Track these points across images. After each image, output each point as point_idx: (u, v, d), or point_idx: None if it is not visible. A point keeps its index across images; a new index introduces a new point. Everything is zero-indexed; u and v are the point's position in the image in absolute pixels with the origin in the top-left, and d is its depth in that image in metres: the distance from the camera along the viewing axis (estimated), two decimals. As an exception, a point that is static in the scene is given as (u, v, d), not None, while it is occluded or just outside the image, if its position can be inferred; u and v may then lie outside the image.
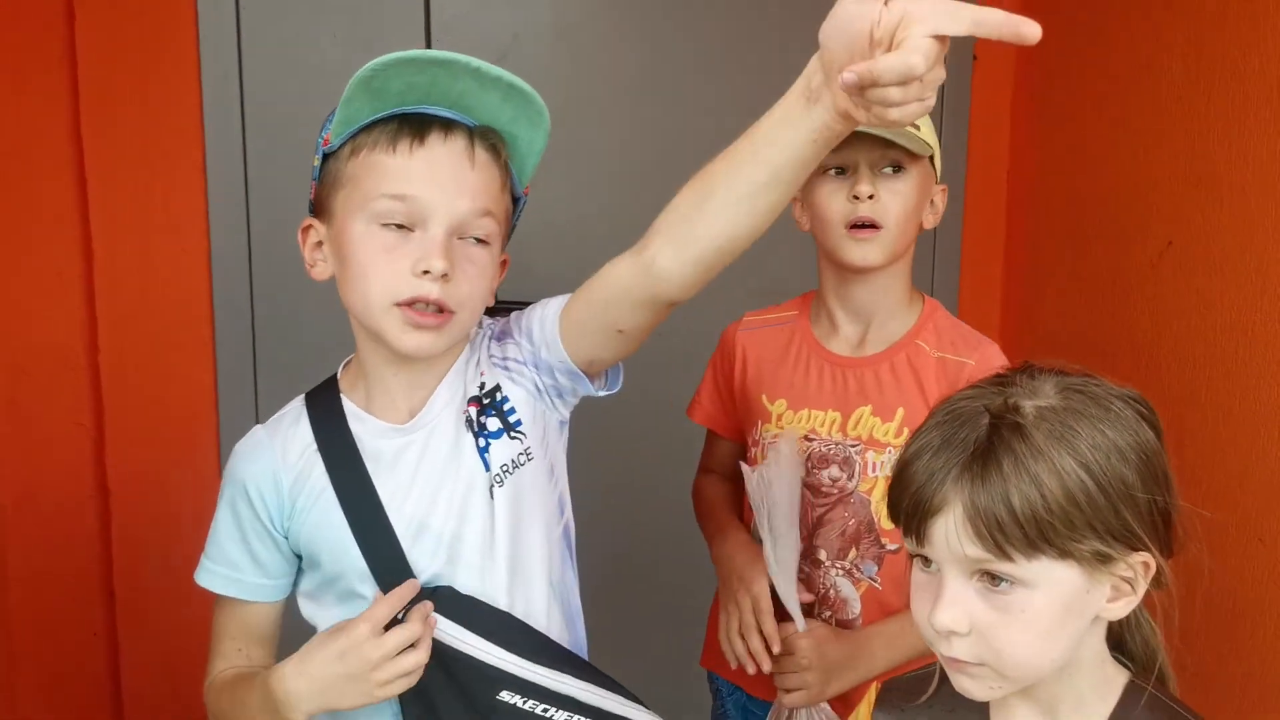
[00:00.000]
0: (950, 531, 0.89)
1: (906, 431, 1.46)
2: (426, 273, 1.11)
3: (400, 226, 1.13)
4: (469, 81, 1.11)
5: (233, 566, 1.24)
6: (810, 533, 1.49)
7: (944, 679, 1.02)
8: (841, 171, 1.44)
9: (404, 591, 1.15)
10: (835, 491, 1.48)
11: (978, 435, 0.90)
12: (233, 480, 1.24)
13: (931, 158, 1.50)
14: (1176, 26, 1.91)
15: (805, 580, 1.48)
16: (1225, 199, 1.80)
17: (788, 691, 1.41)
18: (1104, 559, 0.89)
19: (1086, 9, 2.19)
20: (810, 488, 1.49)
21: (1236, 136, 1.77)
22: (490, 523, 1.20)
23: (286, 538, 1.23)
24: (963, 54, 2.46)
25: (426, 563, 1.19)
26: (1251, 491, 1.71)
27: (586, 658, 1.31)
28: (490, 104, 1.13)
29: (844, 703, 1.44)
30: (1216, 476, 1.77)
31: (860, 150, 1.41)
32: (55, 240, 2.12)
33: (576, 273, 1.19)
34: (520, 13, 2.23)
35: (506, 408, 1.22)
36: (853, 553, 1.48)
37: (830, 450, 1.48)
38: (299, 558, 1.25)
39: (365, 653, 1.10)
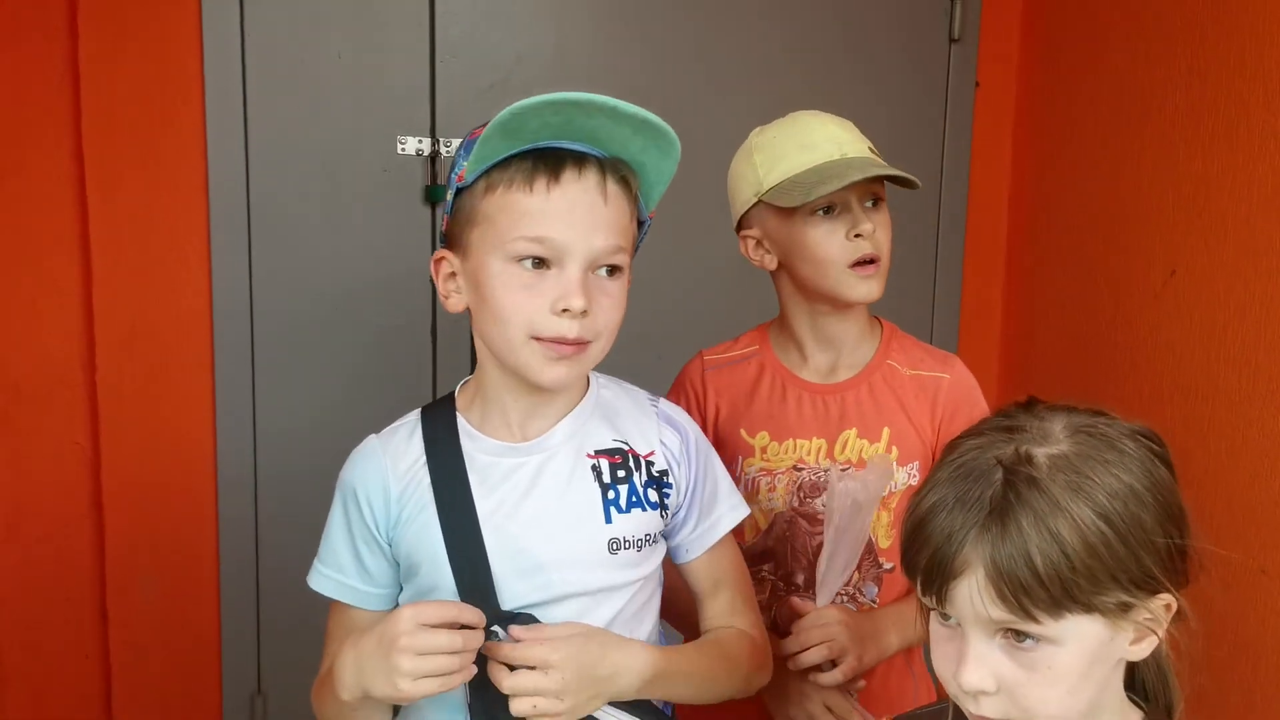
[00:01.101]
0: (974, 594, 0.87)
1: (896, 450, 1.46)
2: (565, 310, 1.13)
3: (538, 265, 1.14)
4: (602, 119, 1.13)
5: (341, 571, 1.26)
6: (812, 561, 1.48)
7: (957, 716, 1.01)
8: (829, 210, 1.43)
9: (469, 614, 1.12)
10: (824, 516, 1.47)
11: (993, 492, 0.88)
12: (344, 486, 1.26)
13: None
14: (1178, 56, 1.92)
15: None
16: (1230, 229, 1.79)
17: (813, 669, 1.39)
18: (1127, 608, 0.88)
19: (1088, 38, 2.20)
20: (805, 517, 1.48)
21: (1240, 166, 1.77)
22: (604, 576, 1.21)
23: (390, 546, 1.24)
24: (966, 80, 2.46)
25: (526, 591, 1.18)
26: (1255, 524, 1.70)
27: None
28: (621, 137, 1.15)
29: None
30: (1220, 509, 1.76)
31: (850, 188, 1.40)
32: (54, 256, 2.11)
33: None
34: (524, 34, 2.23)
35: (665, 480, 1.26)
36: (855, 577, 1.47)
37: (820, 478, 1.48)
38: (398, 566, 1.26)
39: (397, 638, 1.08)
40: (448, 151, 2.20)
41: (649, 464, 1.25)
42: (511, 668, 1.13)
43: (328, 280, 2.20)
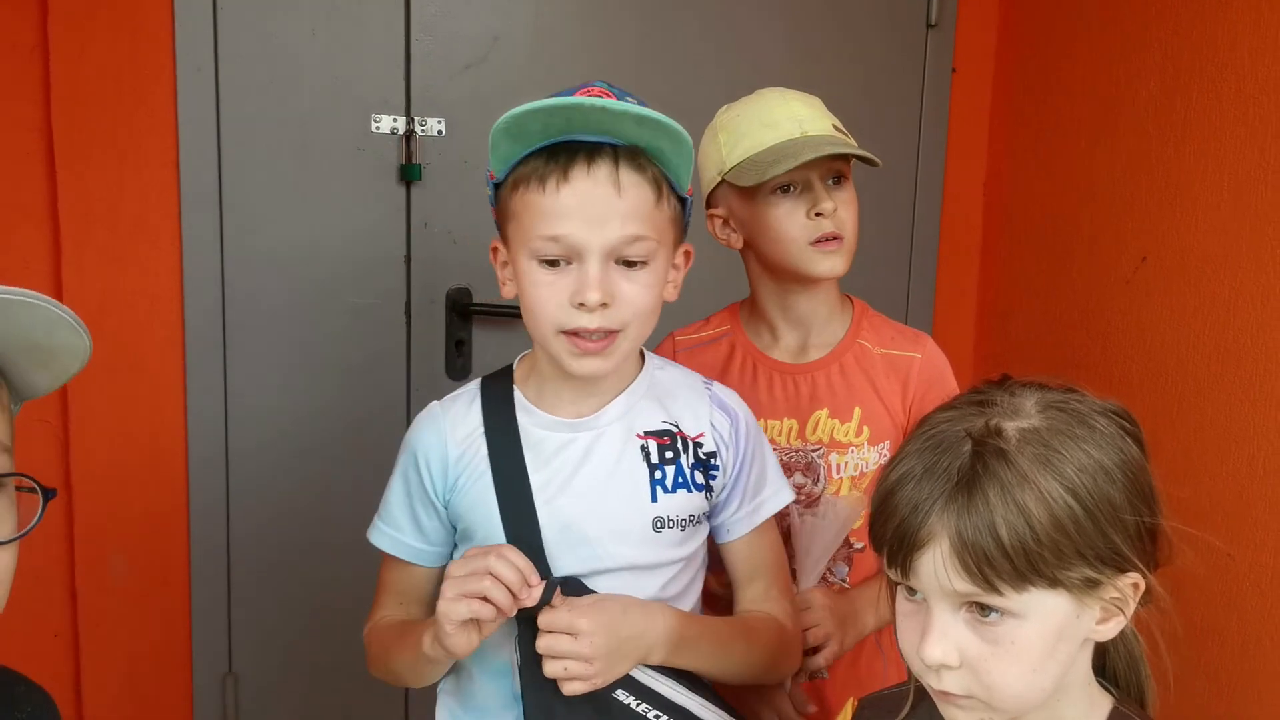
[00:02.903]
0: (938, 565, 0.87)
1: (868, 430, 1.47)
2: (583, 304, 1.16)
3: (558, 262, 1.18)
4: (601, 116, 1.14)
5: (397, 528, 1.31)
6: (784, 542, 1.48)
7: (920, 696, 1.01)
8: (787, 189, 1.43)
9: (533, 575, 1.16)
10: (803, 498, 1.47)
11: (961, 463, 0.88)
12: (407, 448, 1.31)
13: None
14: (1152, 44, 1.93)
15: None
16: (1201, 215, 1.81)
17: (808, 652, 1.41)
18: (1093, 584, 0.88)
19: (1065, 25, 2.21)
20: None
21: (1212, 152, 1.78)
22: (648, 553, 1.26)
23: (447, 508, 1.29)
24: (942, 65, 2.46)
25: (573, 562, 1.24)
26: (1223, 509, 1.72)
27: None
28: (626, 129, 1.17)
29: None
30: (1187, 494, 1.77)
31: (811, 166, 1.40)
32: (22, 233, 2.08)
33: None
34: (501, 14, 2.21)
35: (713, 462, 1.30)
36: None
37: (792, 458, 1.48)
38: (455, 529, 1.31)
39: (451, 568, 1.16)
40: (423, 130, 2.18)
41: (697, 445, 1.29)
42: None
43: (300, 259, 2.19)
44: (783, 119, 1.43)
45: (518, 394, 1.30)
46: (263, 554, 2.24)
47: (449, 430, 1.28)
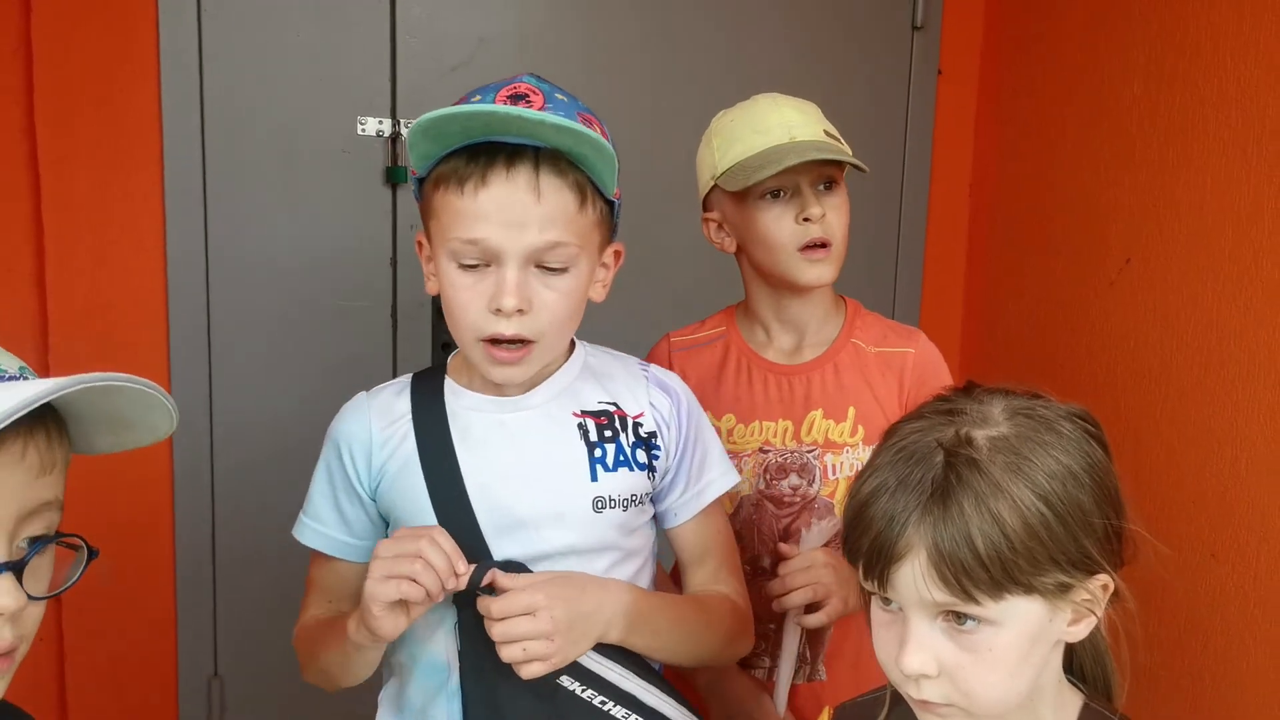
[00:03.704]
0: (915, 577, 0.87)
1: (862, 430, 1.47)
2: (499, 310, 1.14)
3: (476, 265, 1.15)
4: (519, 122, 1.11)
5: (322, 522, 1.27)
6: (776, 544, 1.48)
7: (895, 701, 1.01)
8: (776, 194, 1.43)
9: (461, 562, 1.13)
10: (798, 500, 1.48)
11: (934, 474, 0.88)
12: (330, 438, 1.28)
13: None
14: (1138, 47, 1.93)
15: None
16: (1183, 218, 1.82)
17: (797, 609, 1.40)
18: (1066, 588, 0.89)
19: (1050, 27, 2.21)
20: (772, 500, 1.49)
21: (1195, 156, 1.79)
22: (590, 535, 1.22)
23: (375, 500, 1.25)
24: (928, 68, 2.47)
25: (510, 547, 1.20)
26: (1206, 509, 1.73)
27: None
28: (546, 134, 1.13)
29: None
30: (1170, 493, 1.79)
31: (800, 171, 1.41)
32: (6, 235, 2.07)
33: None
34: (487, 16, 2.21)
35: (654, 442, 1.27)
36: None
37: (787, 459, 1.48)
38: (385, 523, 1.27)
39: (379, 548, 1.12)
40: (409, 132, 2.18)
41: (637, 425, 1.26)
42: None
43: (286, 262, 2.18)
44: (774, 124, 1.44)
45: (448, 380, 1.27)
46: (248, 557, 2.23)
47: (373, 417, 1.25)
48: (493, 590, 1.14)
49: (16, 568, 0.88)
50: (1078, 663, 1.00)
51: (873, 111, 2.43)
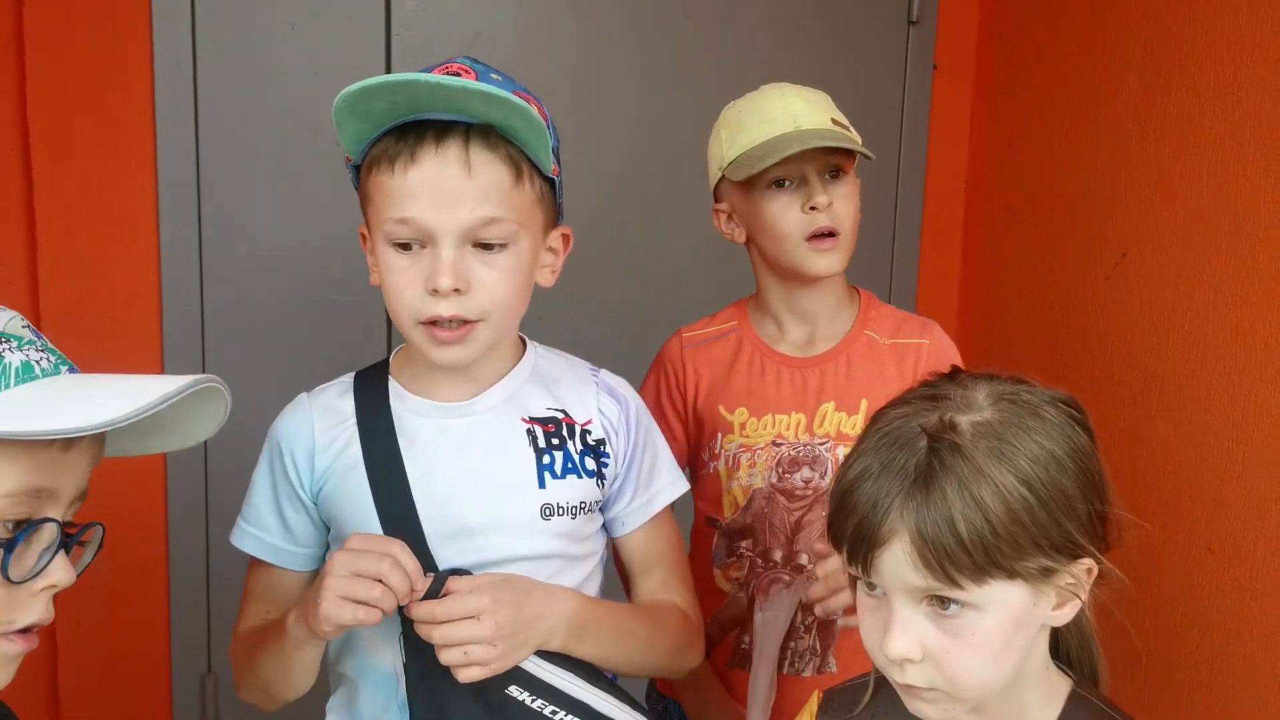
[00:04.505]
0: (899, 562, 0.88)
1: None
2: (436, 291, 1.11)
3: (411, 246, 1.13)
4: (443, 92, 1.08)
5: (263, 529, 1.24)
6: (790, 538, 1.48)
7: (879, 685, 1.02)
8: (782, 184, 1.43)
9: (409, 561, 1.10)
10: (810, 493, 1.48)
11: (917, 459, 0.88)
12: (270, 441, 1.25)
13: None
14: (1134, 40, 1.93)
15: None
16: (1180, 211, 1.82)
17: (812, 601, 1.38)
18: (1049, 573, 0.89)
19: (1046, 22, 2.21)
20: (784, 493, 1.49)
21: (1191, 150, 1.79)
22: (537, 543, 1.20)
23: (317, 505, 1.22)
24: (924, 62, 2.47)
25: (456, 555, 1.17)
26: (1202, 503, 1.73)
27: None
28: (474, 107, 1.10)
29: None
30: (1167, 486, 1.79)
31: (805, 160, 1.40)
32: (-1, 231, 2.07)
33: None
34: (482, 10, 2.20)
35: (603, 449, 1.25)
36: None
37: (800, 452, 1.48)
38: (329, 529, 1.24)
39: (336, 556, 1.09)
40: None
41: (585, 432, 1.24)
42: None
43: (280, 256, 2.17)
44: (779, 114, 1.44)
45: (392, 382, 1.23)
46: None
47: (316, 419, 1.22)
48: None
49: (68, 546, 0.96)
50: (1064, 648, 1.01)
51: (868, 106, 2.42)
